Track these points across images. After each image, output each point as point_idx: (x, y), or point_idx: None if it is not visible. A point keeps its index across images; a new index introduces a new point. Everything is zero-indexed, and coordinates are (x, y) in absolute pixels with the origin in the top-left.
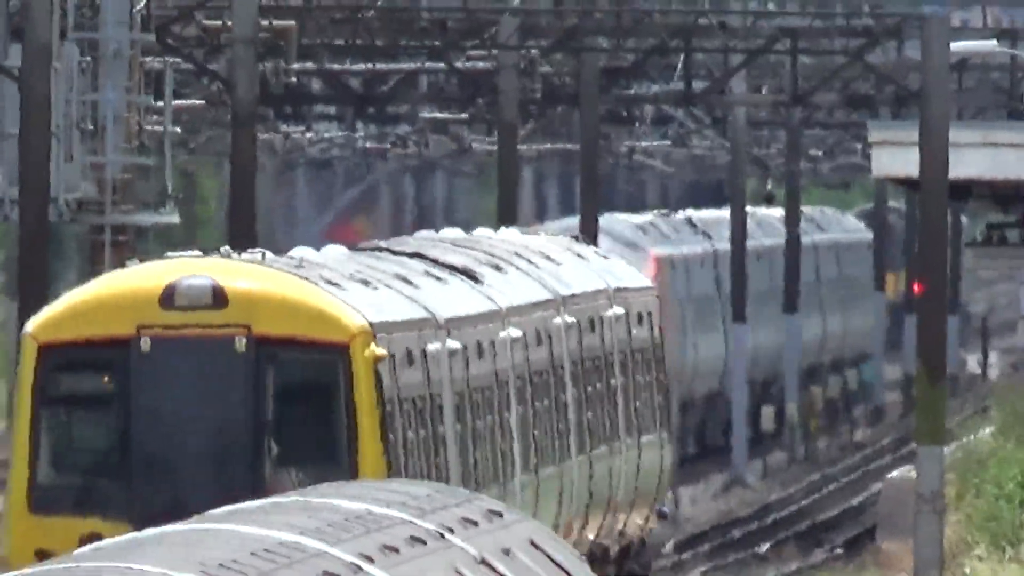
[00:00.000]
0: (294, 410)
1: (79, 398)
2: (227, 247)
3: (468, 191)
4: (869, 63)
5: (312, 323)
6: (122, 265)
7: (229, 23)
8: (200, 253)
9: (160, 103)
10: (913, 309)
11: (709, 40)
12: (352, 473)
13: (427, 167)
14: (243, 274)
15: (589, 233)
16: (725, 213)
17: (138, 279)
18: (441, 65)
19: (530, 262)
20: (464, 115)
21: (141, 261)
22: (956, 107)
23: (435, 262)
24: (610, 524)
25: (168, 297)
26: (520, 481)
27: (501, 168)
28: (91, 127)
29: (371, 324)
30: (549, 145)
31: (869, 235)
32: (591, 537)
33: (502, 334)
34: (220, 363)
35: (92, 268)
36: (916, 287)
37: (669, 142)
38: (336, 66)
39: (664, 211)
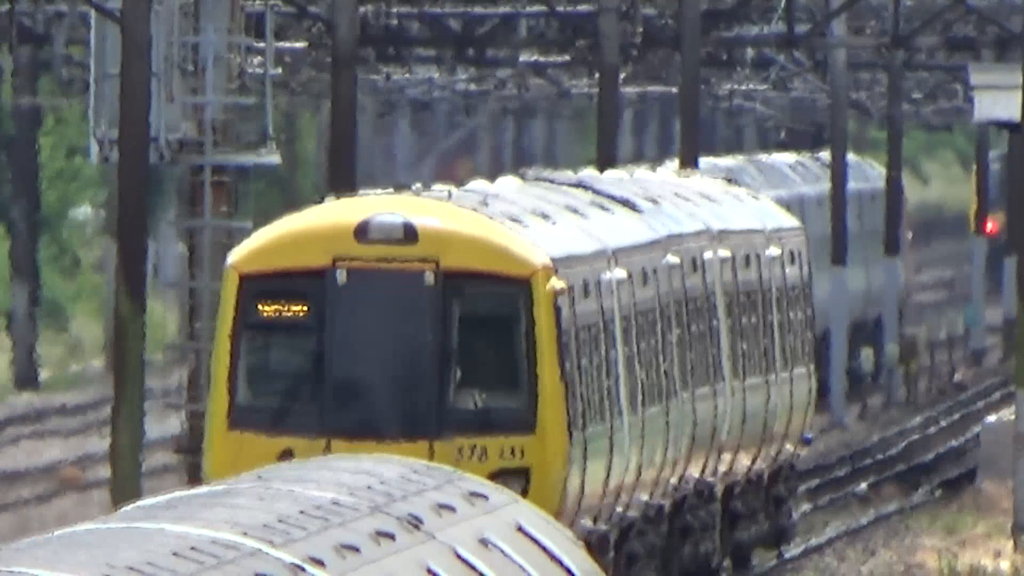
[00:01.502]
0: (477, 339)
1: (276, 325)
2: (418, 184)
3: (567, 136)
4: (971, 5)
5: (496, 258)
6: (232, 206)
7: None
8: (392, 190)
9: (261, 44)
10: (1013, 251)
11: None
12: (531, 399)
13: (527, 111)
14: (432, 211)
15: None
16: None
17: (334, 214)
18: (541, 8)
19: (687, 199)
20: (564, 58)
21: (337, 198)
22: None
23: (598, 192)
24: (766, 450)
25: (362, 232)
26: (681, 399)
27: (601, 112)
28: (191, 68)
29: (551, 259)
30: (649, 88)
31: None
32: (745, 463)
33: (659, 261)
34: (409, 294)
35: (191, 209)
36: (990, 226)
37: (769, 85)
38: (436, 8)
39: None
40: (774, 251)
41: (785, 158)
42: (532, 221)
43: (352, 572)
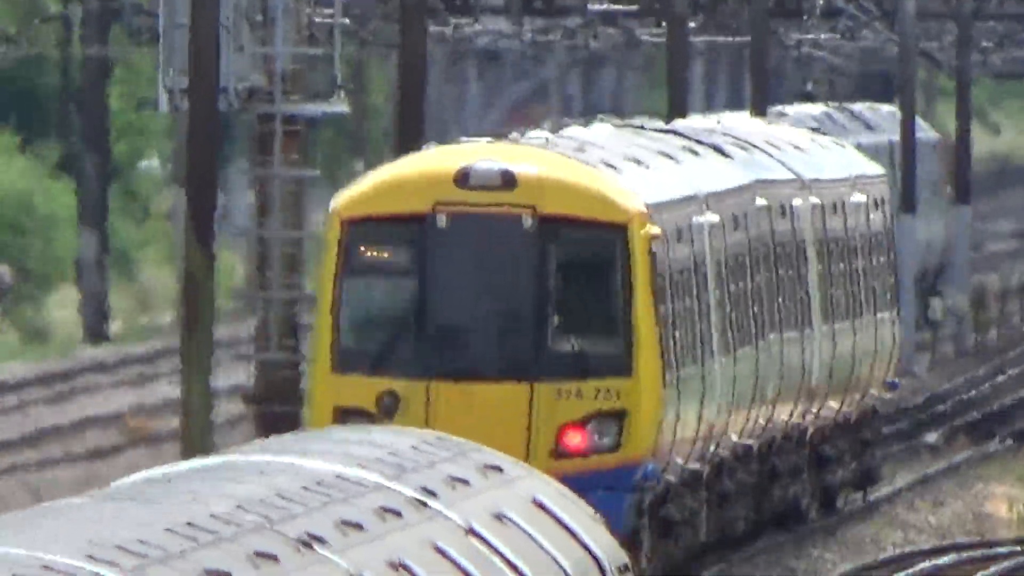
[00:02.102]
0: (574, 284)
1: (378, 268)
2: (516, 132)
3: (637, 86)
4: None
5: (593, 204)
6: (303, 154)
7: None
8: (492, 138)
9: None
10: None
11: None
12: (627, 342)
13: (595, 61)
14: (530, 158)
15: None
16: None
17: (435, 161)
18: None
19: (777, 147)
20: (634, 7)
21: (438, 145)
22: None
23: (689, 139)
24: (854, 392)
25: (463, 178)
26: (770, 342)
27: (671, 62)
28: (260, 18)
29: (647, 205)
30: (718, 39)
31: (932, 134)
32: (833, 406)
33: (749, 206)
34: (508, 239)
35: (261, 158)
36: None
37: (837, 35)
38: None
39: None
40: (859, 198)
41: (810, 110)
42: (627, 167)
43: (353, 549)
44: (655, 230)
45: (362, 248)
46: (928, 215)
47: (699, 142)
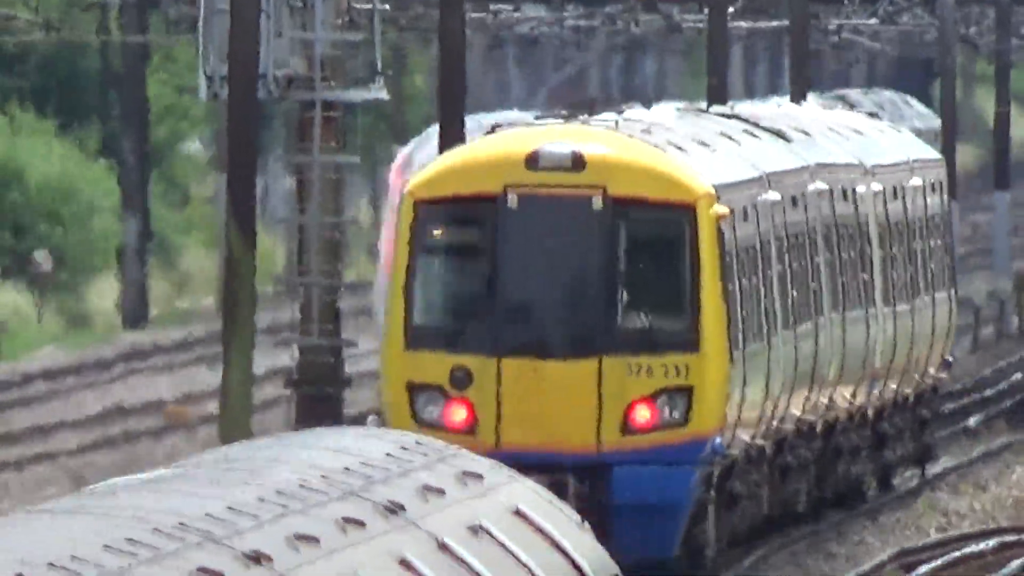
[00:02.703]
0: (643, 263)
1: (450, 248)
2: (585, 114)
3: (677, 71)
4: None
5: (662, 185)
6: (340, 141)
7: None
8: (561, 120)
9: None
10: None
11: None
12: (694, 320)
13: (636, 46)
14: (599, 140)
15: None
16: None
17: (505, 144)
18: None
19: (837, 132)
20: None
21: (494, 130)
22: None
23: (751, 123)
24: (913, 371)
25: (533, 160)
26: (830, 318)
27: (711, 46)
28: (300, 3)
29: (714, 186)
30: (758, 24)
31: (934, 122)
32: (893, 386)
33: (811, 187)
34: (578, 219)
35: (300, 144)
36: None
37: (877, 20)
38: None
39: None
40: (917, 182)
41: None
42: (693, 148)
43: (306, 566)
44: (721, 210)
45: (433, 228)
46: None
47: (762, 127)
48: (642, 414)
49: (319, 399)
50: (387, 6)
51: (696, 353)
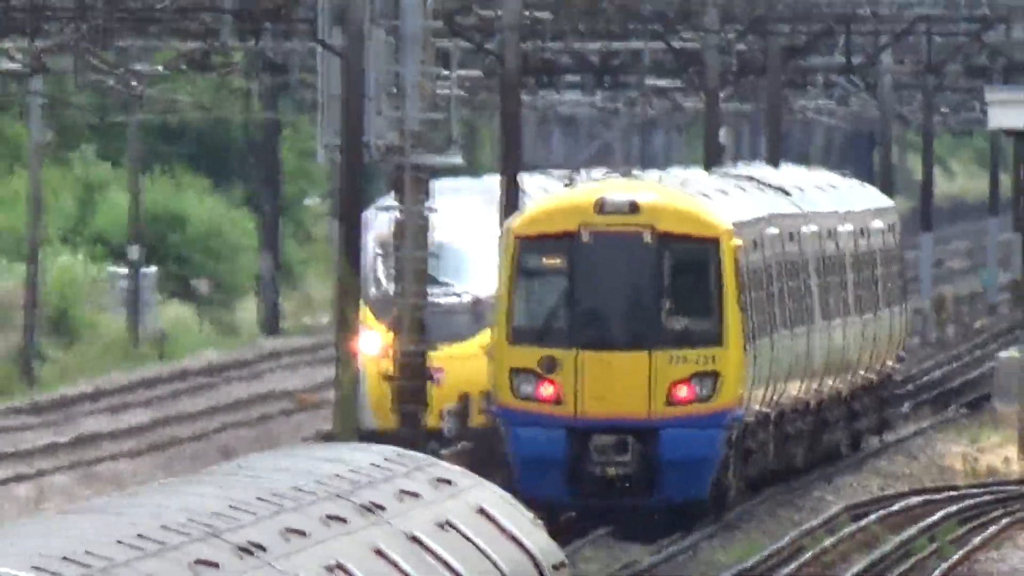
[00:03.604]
0: (681, 281)
1: (541, 270)
2: (637, 171)
3: (680, 143)
4: (985, 41)
5: (695, 224)
6: (426, 195)
7: (500, 13)
8: (620, 176)
9: (447, 73)
10: (1020, 231)
11: (864, 24)
12: (720, 323)
13: (649, 124)
14: (648, 190)
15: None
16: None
17: (580, 194)
18: (660, 44)
19: (821, 188)
20: (678, 83)
21: (567, 185)
22: None
23: (759, 181)
24: (876, 363)
25: (600, 206)
26: (818, 324)
27: (706, 124)
28: (395, 90)
29: (732, 224)
30: (742, 105)
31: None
32: (861, 374)
33: (804, 229)
34: (634, 249)
35: (398, 197)
36: None
37: (833, 102)
38: (580, 45)
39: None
40: (878, 223)
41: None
42: (716, 197)
43: (295, 554)
44: (738, 242)
45: (529, 256)
46: None
47: (767, 184)
48: (681, 391)
49: (409, 390)
50: (461, 92)
51: (721, 347)
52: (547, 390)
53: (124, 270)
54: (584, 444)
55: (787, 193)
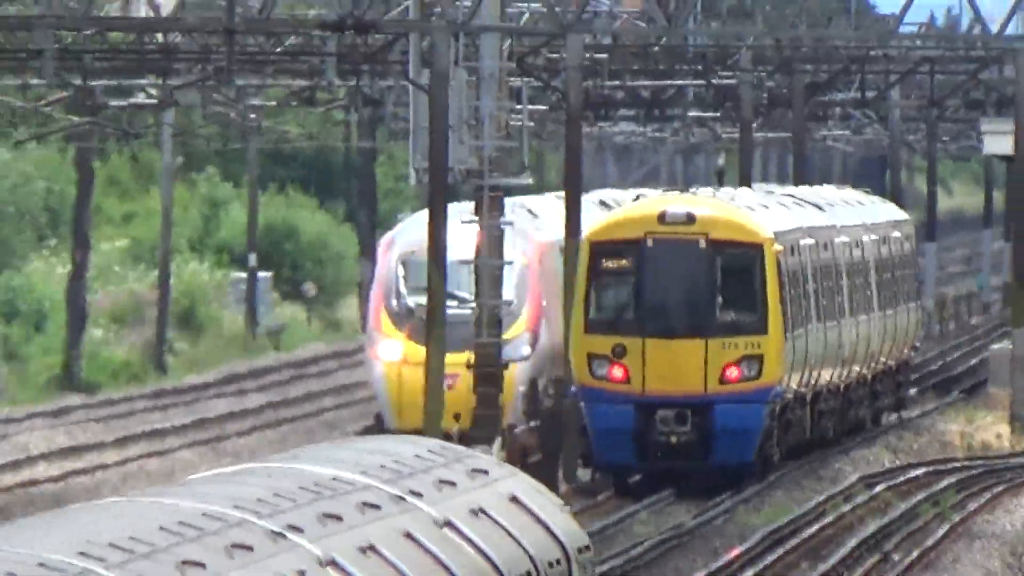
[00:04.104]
0: (731, 281)
1: (611, 271)
2: (694, 188)
3: (729, 174)
4: (981, 79)
5: (743, 232)
6: (501, 212)
7: (564, 55)
8: (678, 192)
9: (519, 107)
10: (1011, 240)
11: (875, 64)
12: (763, 315)
13: (692, 150)
14: (703, 204)
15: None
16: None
17: (644, 207)
18: (702, 82)
19: (848, 203)
20: (716, 114)
21: (637, 199)
22: None
23: (797, 197)
24: (894, 351)
25: (662, 217)
26: (847, 319)
27: (741, 150)
28: (475, 122)
29: (774, 233)
30: (771, 135)
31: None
32: (883, 360)
33: (837, 239)
34: (691, 254)
35: (476, 213)
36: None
37: (849, 132)
38: (632, 83)
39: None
40: (896, 233)
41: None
42: (760, 210)
43: (329, 537)
44: (779, 247)
45: (601, 259)
46: None
47: (804, 200)
48: (731, 372)
49: (487, 376)
50: (531, 123)
51: (765, 335)
52: (618, 372)
53: (243, 275)
54: (649, 417)
55: (820, 208)
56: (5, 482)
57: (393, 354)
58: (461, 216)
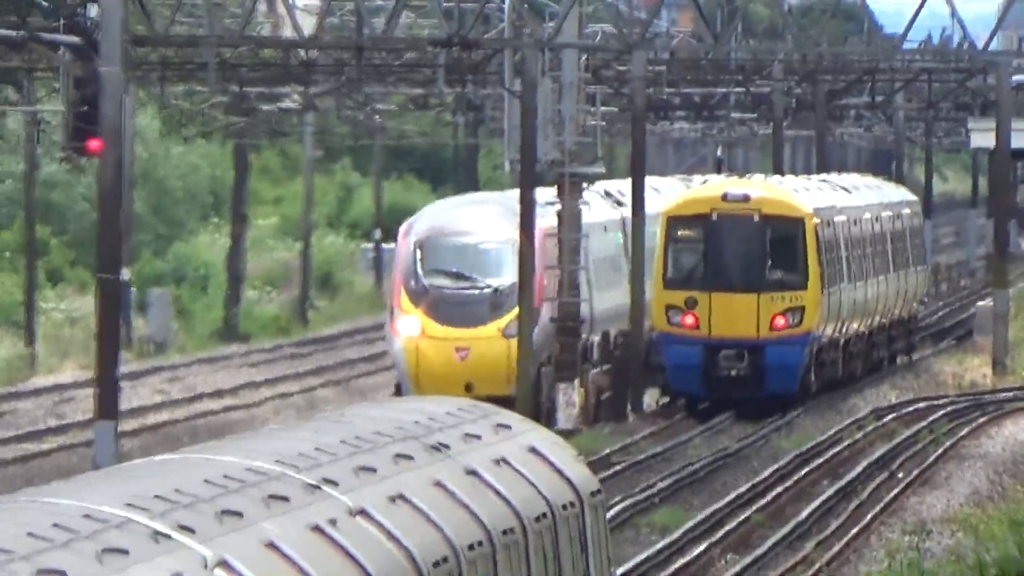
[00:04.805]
0: (779, 247)
1: (684, 239)
2: (750, 174)
3: (755, 158)
4: (968, 86)
5: (788, 208)
6: (580, 195)
7: (630, 68)
8: (737, 176)
9: (593, 109)
10: (992, 218)
11: (883, 75)
12: (805, 274)
13: (734, 144)
14: (757, 186)
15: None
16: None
17: (710, 188)
18: (742, 89)
19: (870, 187)
20: (753, 115)
21: (705, 182)
22: (1015, 110)
23: (832, 182)
24: (906, 306)
25: (724, 196)
26: (872, 280)
27: (774, 145)
28: (557, 122)
29: (813, 209)
30: (799, 132)
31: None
32: (897, 312)
33: (863, 215)
34: (746, 226)
35: (559, 196)
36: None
37: (862, 129)
38: (686, 90)
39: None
40: (907, 211)
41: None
42: (801, 191)
43: (364, 488)
44: (817, 220)
45: (676, 230)
46: None
47: (837, 184)
48: (779, 321)
49: (567, 330)
50: (603, 123)
51: (805, 291)
52: (689, 320)
53: (370, 245)
54: (714, 355)
55: (848, 191)
56: (177, 415)
57: (411, 329)
58: (545, 198)
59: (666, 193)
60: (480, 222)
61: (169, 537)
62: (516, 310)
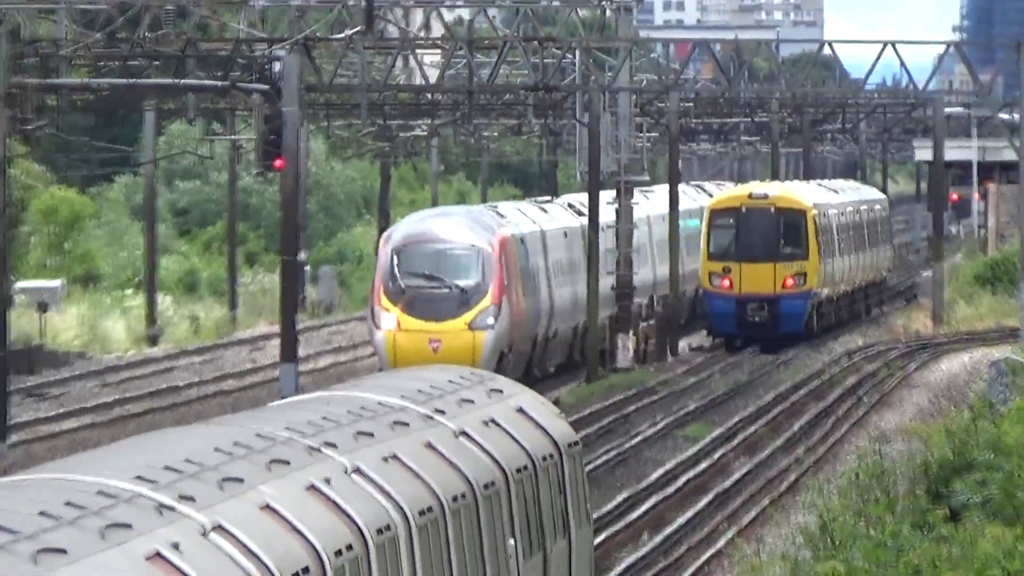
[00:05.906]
0: (789, 230)
1: (721, 225)
2: (773, 181)
3: (758, 170)
4: (913, 116)
5: (796, 203)
6: (631, 198)
7: (667, 104)
8: (759, 183)
9: (641, 134)
10: (931, 210)
11: (851, 108)
12: (807, 248)
13: (743, 159)
14: (774, 188)
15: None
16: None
17: (741, 189)
18: (748, 119)
19: (854, 188)
20: (757, 138)
21: (736, 184)
22: (947, 133)
23: (826, 186)
24: (878, 273)
25: (750, 195)
26: (858, 254)
27: (772, 159)
28: (615, 144)
29: (813, 204)
30: (790, 149)
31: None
32: (871, 277)
33: (847, 208)
34: (766, 216)
35: (616, 199)
36: (954, 197)
37: (836, 147)
38: (708, 120)
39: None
40: (878, 206)
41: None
42: (805, 192)
43: (361, 450)
44: (816, 212)
45: (716, 218)
46: None
47: (827, 187)
48: (789, 282)
49: (622, 296)
50: (649, 144)
51: (807, 261)
52: (726, 282)
53: None
54: (744, 307)
55: (836, 191)
56: (341, 359)
57: (390, 323)
58: (607, 199)
59: (660, 195)
60: (449, 231)
61: (172, 509)
62: (480, 305)
